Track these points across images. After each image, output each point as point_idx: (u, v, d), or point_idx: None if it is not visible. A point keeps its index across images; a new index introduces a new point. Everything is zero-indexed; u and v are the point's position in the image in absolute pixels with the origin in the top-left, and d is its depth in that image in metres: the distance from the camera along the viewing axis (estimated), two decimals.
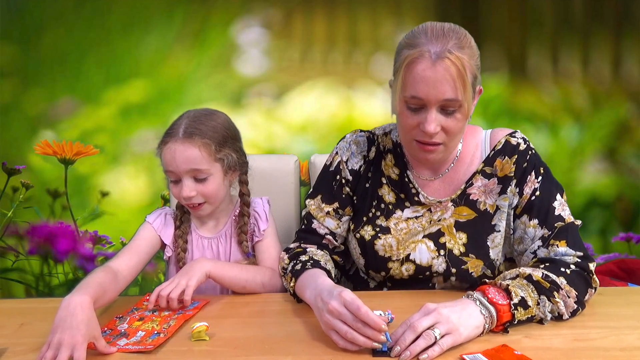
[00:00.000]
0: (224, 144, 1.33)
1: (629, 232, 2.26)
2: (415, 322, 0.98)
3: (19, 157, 2.21)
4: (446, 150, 1.22)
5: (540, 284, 1.08)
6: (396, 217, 1.30)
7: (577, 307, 1.10)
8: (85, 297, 1.06)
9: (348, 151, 1.37)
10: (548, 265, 1.15)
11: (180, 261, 1.39)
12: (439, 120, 1.15)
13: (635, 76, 2.22)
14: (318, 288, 1.10)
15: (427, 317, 0.99)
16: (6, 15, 2.16)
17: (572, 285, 1.10)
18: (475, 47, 1.18)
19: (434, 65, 1.11)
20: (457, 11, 2.17)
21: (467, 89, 1.13)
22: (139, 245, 1.34)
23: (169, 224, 1.40)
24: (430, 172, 1.31)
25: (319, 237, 1.35)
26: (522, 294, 1.06)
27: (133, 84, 2.19)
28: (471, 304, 1.03)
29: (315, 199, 1.36)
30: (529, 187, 1.24)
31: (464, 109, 1.14)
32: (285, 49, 2.20)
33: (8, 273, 2.22)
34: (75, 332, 0.98)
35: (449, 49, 1.11)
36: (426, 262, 1.26)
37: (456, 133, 1.19)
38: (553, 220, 1.21)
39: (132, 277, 1.29)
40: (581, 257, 1.17)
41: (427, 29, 1.16)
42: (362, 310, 0.98)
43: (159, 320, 1.15)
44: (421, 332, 0.97)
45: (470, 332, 1.01)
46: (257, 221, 1.42)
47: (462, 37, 1.15)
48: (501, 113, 2.20)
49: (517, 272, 1.12)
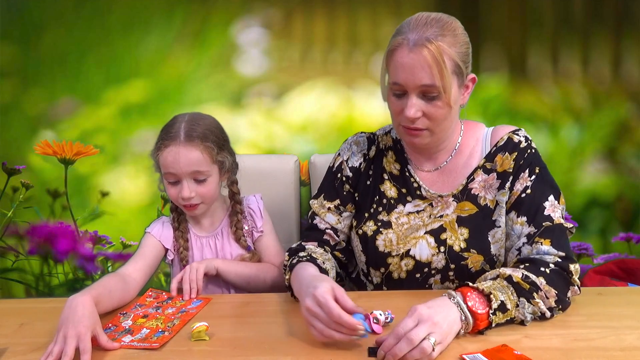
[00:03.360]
0: (222, 146, 1.38)
1: (629, 232, 2.26)
2: (411, 334, 0.95)
3: (19, 157, 2.21)
4: (432, 135, 1.24)
5: (520, 286, 1.08)
6: (397, 212, 1.31)
7: (559, 305, 1.10)
8: (85, 296, 1.09)
9: (349, 151, 1.40)
10: (528, 266, 1.14)
11: (184, 260, 1.43)
12: (419, 105, 1.19)
13: (635, 76, 2.21)
14: (300, 281, 1.13)
15: (422, 325, 0.96)
16: (6, 15, 2.16)
17: (551, 285, 1.10)
18: (462, 35, 1.21)
19: (410, 52, 1.16)
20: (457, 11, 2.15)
21: (444, 76, 1.15)
22: (144, 251, 1.39)
23: (167, 229, 1.44)
24: (430, 163, 1.32)
25: (320, 233, 1.36)
26: (501, 297, 1.05)
27: (133, 84, 2.19)
28: (453, 308, 1.02)
29: (318, 199, 1.39)
30: (520, 183, 1.25)
31: (445, 95, 1.17)
32: (285, 49, 2.20)
33: (8, 273, 2.22)
34: (78, 324, 1.01)
35: (426, 36, 1.15)
36: (426, 259, 1.26)
37: (440, 120, 1.21)
38: (541, 219, 1.21)
39: (143, 279, 1.33)
40: (562, 257, 1.16)
41: (413, 18, 1.20)
42: (334, 313, 0.99)
43: (163, 318, 1.16)
44: (418, 343, 0.95)
45: (452, 339, 1.01)
46: (253, 218, 1.47)
47: (444, 25, 1.18)
48: (501, 113, 2.20)
49: (497, 272, 1.12)
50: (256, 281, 1.40)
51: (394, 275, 1.29)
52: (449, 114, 1.21)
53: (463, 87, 1.23)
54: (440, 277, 1.27)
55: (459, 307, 1.03)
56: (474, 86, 1.27)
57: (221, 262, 1.38)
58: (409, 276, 1.28)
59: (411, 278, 1.28)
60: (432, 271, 1.27)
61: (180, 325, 1.13)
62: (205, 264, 1.34)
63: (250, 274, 1.40)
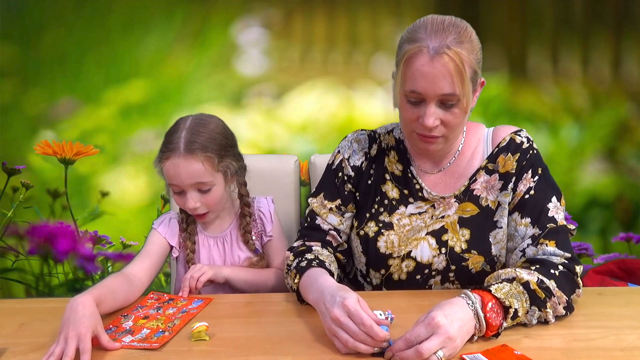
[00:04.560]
0: (225, 154, 1.35)
1: (629, 232, 2.26)
2: (423, 347, 0.94)
3: (19, 157, 2.21)
4: (446, 142, 1.23)
5: (536, 294, 1.07)
6: (399, 213, 1.30)
7: (566, 312, 1.11)
8: (87, 296, 1.09)
9: (350, 149, 1.38)
10: (539, 268, 1.13)
11: (189, 262, 1.41)
12: (438, 114, 1.17)
13: (635, 76, 2.21)
14: (321, 290, 1.10)
15: (435, 339, 0.95)
16: (6, 15, 2.16)
17: (561, 289, 1.10)
18: (476, 41, 1.20)
19: (432, 61, 1.13)
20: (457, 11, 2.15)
21: (465, 84, 1.14)
22: (150, 249, 1.38)
23: (174, 227, 1.42)
24: (433, 165, 1.32)
25: (323, 233, 1.34)
26: (516, 305, 1.04)
27: (133, 84, 2.19)
28: (470, 317, 1.01)
29: (317, 197, 1.37)
30: (523, 184, 1.25)
31: (463, 103, 1.16)
32: (285, 49, 2.20)
33: (8, 273, 2.22)
34: (78, 325, 1.01)
35: (447, 44, 1.13)
36: (427, 260, 1.26)
37: (455, 126, 1.20)
38: (545, 220, 1.21)
39: (148, 279, 1.32)
40: (569, 258, 1.16)
41: (428, 23, 1.17)
42: (366, 323, 0.97)
43: (163, 318, 1.16)
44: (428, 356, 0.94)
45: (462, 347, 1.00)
46: (263, 221, 1.45)
47: (461, 32, 1.16)
48: (501, 113, 2.20)
49: (514, 274, 1.09)
50: (264, 288, 1.38)
51: (394, 276, 1.29)
52: (464, 120, 1.21)
53: (474, 92, 1.22)
54: (440, 279, 1.27)
55: (475, 315, 1.01)
56: (481, 89, 1.26)
57: (230, 271, 1.36)
58: (409, 277, 1.28)
59: (411, 279, 1.28)
60: (433, 272, 1.27)
61: (181, 325, 1.13)
62: (214, 272, 1.31)
63: (259, 282, 1.38)
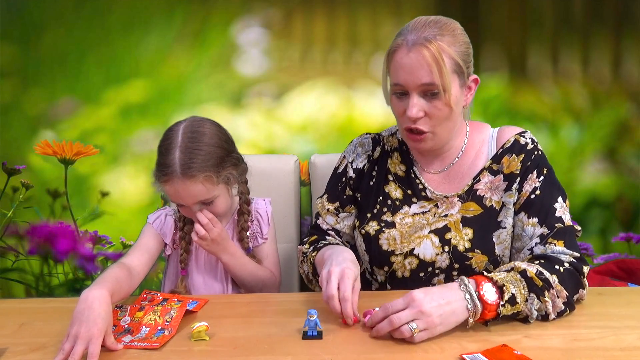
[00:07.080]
0: (224, 165, 1.31)
1: (629, 232, 2.26)
2: (394, 316, 1.00)
3: (19, 157, 2.21)
4: (435, 138, 1.24)
5: (533, 281, 1.08)
6: (402, 213, 1.32)
7: (565, 308, 1.10)
8: (103, 290, 1.07)
9: (354, 153, 1.42)
10: (543, 262, 1.15)
11: (183, 262, 1.40)
12: (422, 105, 1.20)
13: (635, 76, 2.21)
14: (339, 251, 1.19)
15: (408, 311, 1.00)
16: (6, 15, 2.16)
17: (563, 285, 1.10)
18: (462, 35, 1.22)
19: (409, 52, 1.17)
20: (457, 11, 2.16)
21: (443, 74, 1.16)
22: (146, 242, 1.38)
23: (168, 224, 1.42)
24: (436, 165, 1.33)
25: (323, 233, 1.41)
26: (513, 290, 1.06)
27: (133, 84, 2.19)
28: (459, 298, 1.03)
29: (322, 198, 1.44)
30: (529, 184, 1.25)
31: (445, 96, 1.18)
32: (285, 49, 2.20)
33: (8, 273, 2.22)
34: (92, 326, 1.00)
35: (425, 36, 1.17)
36: (430, 258, 1.27)
37: (442, 119, 1.21)
38: (553, 220, 1.22)
39: (145, 272, 1.32)
40: (577, 258, 1.17)
41: (414, 21, 1.22)
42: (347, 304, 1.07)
43: (160, 310, 1.15)
44: (399, 326, 0.99)
45: (448, 328, 1.02)
46: (259, 223, 1.46)
47: (443, 26, 1.19)
48: (501, 113, 2.20)
49: (512, 265, 1.12)
50: (255, 279, 1.40)
51: (398, 274, 1.30)
52: (450, 114, 1.22)
53: (465, 88, 1.24)
54: (444, 277, 1.27)
55: (467, 295, 1.03)
56: (477, 87, 1.27)
57: (235, 248, 1.39)
58: (412, 275, 1.29)
59: (415, 277, 1.29)
60: (436, 270, 1.27)
61: (178, 317, 1.12)
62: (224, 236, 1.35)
63: (253, 271, 1.40)
